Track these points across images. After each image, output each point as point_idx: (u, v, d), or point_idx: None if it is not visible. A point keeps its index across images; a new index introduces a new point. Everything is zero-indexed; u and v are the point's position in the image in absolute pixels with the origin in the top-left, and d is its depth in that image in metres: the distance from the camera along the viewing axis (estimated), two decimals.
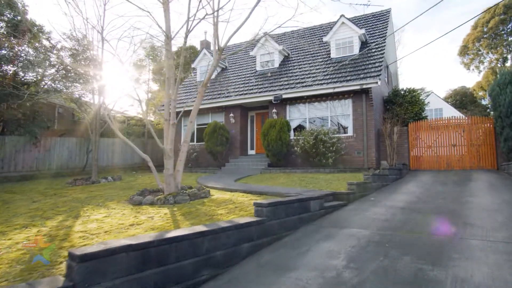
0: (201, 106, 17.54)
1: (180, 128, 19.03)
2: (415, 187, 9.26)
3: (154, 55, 22.08)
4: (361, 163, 13.27)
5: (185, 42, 8.24)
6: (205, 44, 22.59)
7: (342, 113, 14.16)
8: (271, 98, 15.21)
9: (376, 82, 12.78)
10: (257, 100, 15.90)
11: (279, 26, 9.14)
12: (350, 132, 13.84)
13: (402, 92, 16.29)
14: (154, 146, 22.84)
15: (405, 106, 15.58)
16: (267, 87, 16.15)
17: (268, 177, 11.61)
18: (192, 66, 21.16)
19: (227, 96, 16.92)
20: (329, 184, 9.09)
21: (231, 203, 6.55)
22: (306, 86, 14.61)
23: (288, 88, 15.07)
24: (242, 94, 16.41)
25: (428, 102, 17.60)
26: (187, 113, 19.47)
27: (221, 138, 15.92)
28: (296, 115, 15.42)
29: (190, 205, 6.47)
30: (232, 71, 19.79)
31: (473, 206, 6.50)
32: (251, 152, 17.45)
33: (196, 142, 17.85)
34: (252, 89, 16.61)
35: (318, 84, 14.27)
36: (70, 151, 17.59)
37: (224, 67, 20.70)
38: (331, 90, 13.79)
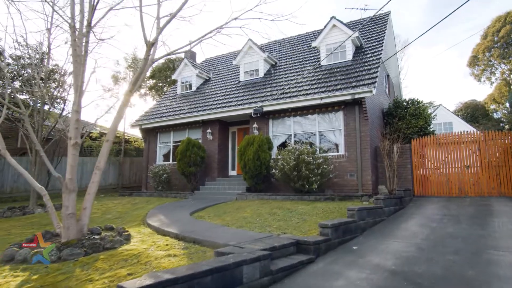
0: (177, 121, 15.63)
1: (155, 146, 17.04)
2: (417, 225, 6.94)
3: (135, 68, 20.38)
4: (355, 188, 10.98)
5: (88, 31, 6.19)
6: (190, 55, 20.85)
7: (332, 128, 11.98)
8: (252, 111, 13.18)
9: (370, 91, 10.64)
10: (237, 114, 13.86)
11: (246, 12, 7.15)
12: (341, 151, 11.62)
13: (404, 104, 14.08)
14: (134, 165, 20.90)
15: (407, 120, 13.34)
16: (247, 98, 14.12)
17: (237, 207, 9.41)
18: (173, 77, 19.34)
19: (204, 110, 14.93)
20: (303, 221, 6.85)
21: (135, 261, 4.39)
22: (290, 97, 12.53)
23: (270, 99, 13.01)
24: (220, 107, 14.39)
25: (435, 115, 15.30)
26: (165, 129, 17.61)
27: (195, 158, 13.81)
28: (280, 131, 13.29)
29: (69, 267, 4.33)
30: (215, 83, 17.88)
31: (504, 271, 4.20)
32: (232, 173, 15.29)
33: (173, 161, 15.76)
34: (231, 101, 14.60)
35: (303, 95, 12.18)
36: (29, 172, 15.57)
37: (207, 78, 18.83)
38: (318, 101, 11.68)
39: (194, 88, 18.03)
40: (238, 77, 16.80)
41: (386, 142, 11.11)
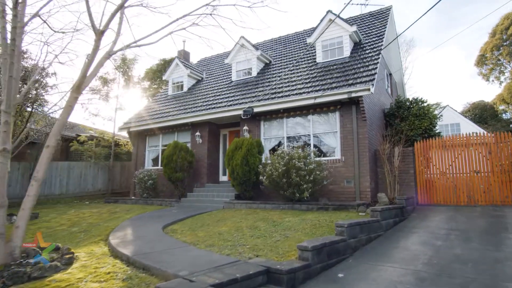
0: (165, 124, 14.75)
1: (144, 150, 16.17)
2: (419, 243, 5.91)
3: (125, 68, 19.59)
4: (352, 196, 9.97)
5: (15, 15, 5.24)
6: (183, 55, 20.04)
7: (328, 130, 10.99)
8: (242, 113, 12.26)
9: (368, 89, 9.64)
10: (227, 115, 12.92)
11: None
12: (337, 155, 10.62)
13: (407, 103, 13.02)
14: (125, 169, 20.06)
15: (410, 120, 12.28)
16: (238, 99, 13.19)
17: (218, 218, 8.46)
18: (163, 78, 18.50)
19: (193, 111, 14.03)
20: (284, 238, 5.87)
21: None
22: (282, 96, 11.58)
23: (262, 99, 12.06)
24: (209, 109, 13.48)
25: (441, 115, 14.20)
26: (154, 132, 16.71)
27: (182, 162, 12.90)
28: (273, 133, 12.32)
29: None
30: (207, 83, 16.99)
31: None
32: (223, 178, 14.33)
33: (160, 166, 14.85)
34: (221, 102, 13.68)
35: (296, 94, 11.22)
36: (9, 178, 14.76)
37: (200, 78, 17.96)
38: (311, 101, 10.70)
39: (185, 89, 17.17)
40: (231, 77, 15.89)
41: (386, 145, 10.09)
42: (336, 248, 5.10)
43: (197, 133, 13.95)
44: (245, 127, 12.50)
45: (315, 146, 11.09)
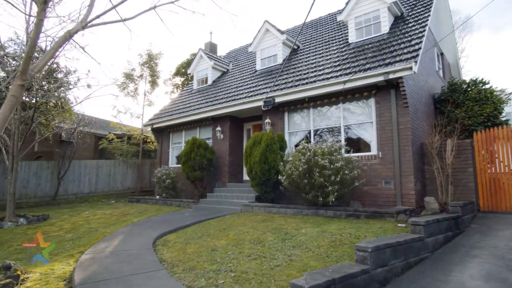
0: (186, 119, 13.87)
1: (168, 147, 15.46)
2: (482, 277, 4.12)
3: (151, 64, 19.09)
4: (392, 200, 8.17)
5: None
6: (209, 47, 19.07)
7: (361, 120, 9.23)
8: (262, 104, 10.90)
9: (410, 68, 7.75)
10: (248, 108, 11.64)
11: None
12: (373, 150, 8.84)
13: (464, 86, 10.72)
14: (154, 167, 19.65)
15: (468, 106, 10.02)
16: (259, 89, 11.82)
17: (226, 226, 7.21)
18: (188, 71, 17.67)
19: (214, 104, 12.92)
20: (287, 263, 4.44)
21: None
22: (307, 83, 10.00)
23: (284, 88, 10.58)
24: (230, 101, 12.28)
25: (509, 100, 11.59)
26: (177, 129, 15.88)
27: (201, 160, 11.87)
28: (298, 126, 10.80)
29: None
30: (232, 74, 15.81)
31: None
32: (246, 177, 13.00)
33: (179, 164, 14.00)
34: (242, 93, 12.41)
35: (323, 79, 9.58)
36: (38, 177, 14.95)
37: (225, 70, 16.83)
38: (340, 87, 9.02)
39: (209, 82, 16.15)
40: (255, 66, 14.55)
41: (436, 137, 8.12)
42: (353, 285, 3.57)
43: (218, 128, 12.83)
44: (267, 120, 11.11)
45: (346, 139, 9.38)
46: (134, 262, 4.71)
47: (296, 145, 10.31)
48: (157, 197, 13.58)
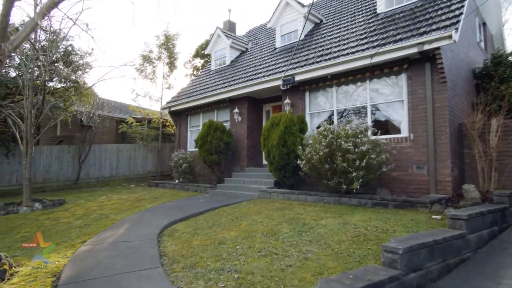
0: (203, 101, 13.37)
1: (186, 130, 15.10)
2: None
3: (168, 45, 18.59)
4: (425, 187, 7.32)
5: None
6: (228, 26, 18.27)
7: (391, 98, 8.30)
8: (281, 83, 10.15)
9: (449, 36, 6.73)
10: (266, 87, 10.92)
11: None
12: (403, 132, 7.94)
13: (511, 58, 9.44)
14: (173, 150, 19.48)
15: None
16: (278, 67, 11.03)
17: (240, 214, 6.70)
18: (206, 52, 17.02)
19: (230, 85, 12.29)
20: (301, 263, 3.85)
21: None
22: (329, 58, 9.12)
23: (305, 65, 9.74)
24: (247, 80, 11.59)
25: None
26: (195, 111, 15.35)
27: (217, 144, 11.37)
28: (320, 107, 9.99)
29: None
30: (251, 53, 15.02)
31: None
32: (265, 161, 12.47)
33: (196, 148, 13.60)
34: (260, 72, 11.67)
35: (347, 54, 8.67)
36: (60, 161, 15.07)
37: (244, 49, 16.05)
38: (367, 61, 8.11)
39: (227, 62, 15.46)
40: (275, 44, 13.67)
41: (478, 116, 7.11)
42: None
43: (235, 110, 12.23)
44: (287, 100, 10.36)
45: (373, 121, 8.50)
46: (131, 256, 4.29)
47: (318, 127, 9.54)
48: (176, 181, 13.29)
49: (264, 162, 12.54)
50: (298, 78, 9.78)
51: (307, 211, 6.56)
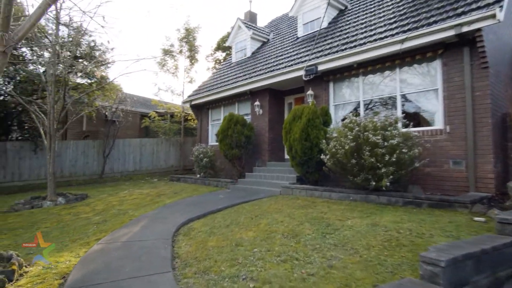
0: (224, 94, 13.10)
1: (207, 124, 14.91)
2: None
3: (189, 39, 18.40)
4: (463, 185, 6.67)
5: None
6: (249, 17, 17.81)
7: (423, 87, 7.62)
8: (303, 73, 9.67)
9: (493, 16, 6.00)
10: (288, 78, 10.47)
11: None
12: (438, 123, 7.27)
13: None
14: (195, 144, 19.44)
15: None
16: (300, 57, 10.52)
17: (261, 212, 6.36)
18: (226, 44, 16.69)
19: (251, 77, 11.91)
20: (325, 271, 3.45)
21: None
22: (355, 46, 8.53)
23: (329, 53, 9.19)
24: (268, 72, 11.17)
25: None
26: (216, 105, 15.08)
27: (238, 137, 11.07)
28: (345, 98, 9.42)
29: None
30: (272, 44, 14.53)
31: None
32: (288, 155, 12.04)
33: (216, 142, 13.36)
34: (282, 63, 11.20)
35: (375, 40, 8.05)
36: (86, 156, 15.33)
37: (265, 40, 15.58)
38: (397, 47, 7.47)
39: (248, 54, 15.06)
40: (297, 33, 13.12)
41: None
42: None
43: (256, 103, 11.85)
44: (310, 92, 9.86)
45: (403, 112, 7.86)
46: (142, 258, 4.05)
47: (343, 120, 8.99)
48: (197, 176, 13.13)
49: (286, 156, 12.10)
50: (321, 67, 9.26)
51: (332, 209, 6.13)
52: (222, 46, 23.92)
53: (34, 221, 7.06)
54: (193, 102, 15.03)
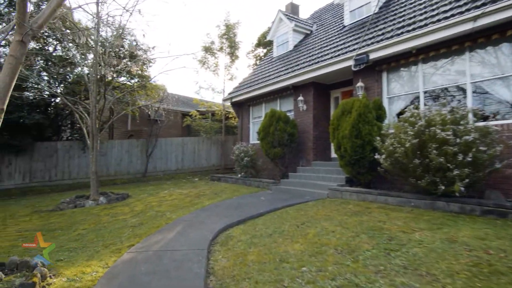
0: (264, 90, 12.56)
1: (248, 122, 14.41)
2: None
3: (230, 35, 18.03)
4: None
5: None
6: (290, 9, 17.02)
7: (501, 73, 6.37)
8: (352, 63, 8.75)
9: None
10: (334, 70, 9.58)
11: None
12: None
13: None
14: (237, 143, 19.07)
15: None
16: (348, 46, 9.57)
17: (307, 218, 5.64)
18: (267, 38, 16.04)
19: (293, 70, 11.16)
20: None
21: None
22: (413, 29, 7.45)
23: (382, 39, 8.18)
24: (313, 64, 10.35)
25: None
26: (257, 101, 14.44)
27: (281, 135, 10.40)
28: (401, 89, 8.34)
29: None
30: (316, 36, 13.64)
31: None
32: (335, 154, 11.11)
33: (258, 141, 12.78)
34: (327, 53, 10.31)
35: (438, 21, 6.93)
36: (130, 155, 15.57)
37: (308, 32, 14.70)
38: (468, 26, 6.33)
39: (290, 47, 14.29)
40: (343, 22, 12.11)
41: None
42: None
43: (300, 98, 11.07)
44: (359, 84, 8.89)
45: (476, 103, 6.67)
46: (172, 273, 3.54)
47: (399, 114, 7.93)
48: (238, 175, 12.66)
49: (333, 155, 11.21)
50: (373, 56, 8.27)
51: (391, 217, 5.24)
52: (263, 42, 23.33)
53: (73, 222, 6.97)
54: (233, 100, 14.61)
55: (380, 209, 5.94)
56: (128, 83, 14.61)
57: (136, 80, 13.93)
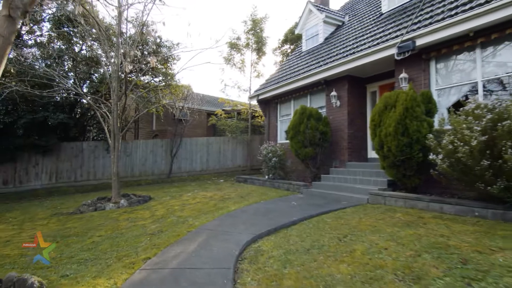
0: (294, 85, 11.76)
1: (275, 120, 13.64)
2: None
3: (256, 30, 17.32)
4: None
5: None
6: (320, 0, 16.06)
7: None
8: (395, 50, 7.76)
9: None
10: (372, 60, 8.61)
11: None
12: None
13: None
14: (263, 143, 18.33)
15: None
16: (389, 33, 8.57)
17: (350, 228, 4.79)
18: (296, 32, 15.18)
19: (326, 63, 10.26)
20: None
21: None
22: (470, 8, 6.38)
23: (432, 23, 7.14)
24: (347, 55, 9.42)
25: None
26: (285, 98, 13.55)
27: (312, 134, 9.55)
28: (453, 79, 7.25)
29: None
30: (349, 26, 12.64)
31: None
32: (372, 154, 10.11)
33: (287, 140, 11.96)
34: (364, 43, 9.34)
35: None
36: (154, 155, 15.24)
37: (340, 23, 13.71)
38: None
39: (321, 40, 13.37)
40: (380, 9, 11.06)
41: None
42: None
43: (332, 93, 10.16)
44: (403, 75, 7.87)
45: None
46: None
47: (453, 107, 6.86)
48: (266, 177, 11.90)
49: (370, 155, 10.22)
50: (420, 42, 7.25)
51: (454, 231, 4.29)
52: (290, 38, 22.47)
53: (90, 227, 6.49)
54: (260, 97, 13.89)
55: (436, 219, 4.97)
56: (152, 81, 14.26)
57: (160, 78, 13.53)
